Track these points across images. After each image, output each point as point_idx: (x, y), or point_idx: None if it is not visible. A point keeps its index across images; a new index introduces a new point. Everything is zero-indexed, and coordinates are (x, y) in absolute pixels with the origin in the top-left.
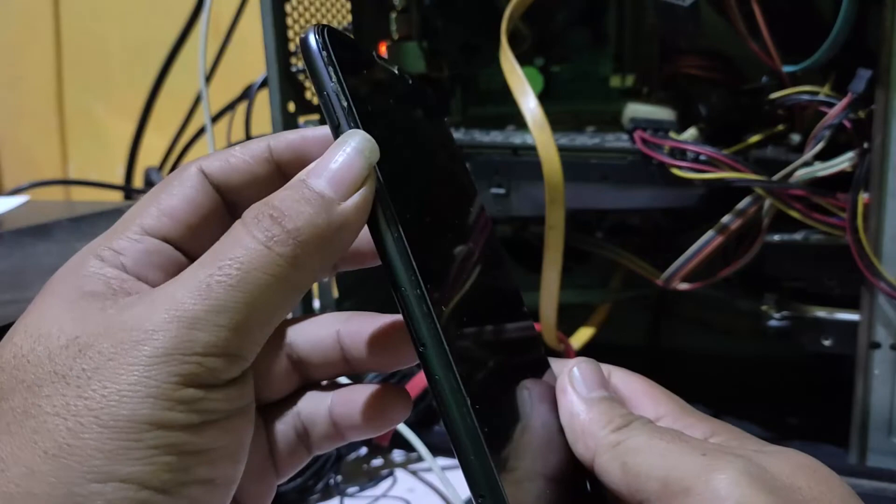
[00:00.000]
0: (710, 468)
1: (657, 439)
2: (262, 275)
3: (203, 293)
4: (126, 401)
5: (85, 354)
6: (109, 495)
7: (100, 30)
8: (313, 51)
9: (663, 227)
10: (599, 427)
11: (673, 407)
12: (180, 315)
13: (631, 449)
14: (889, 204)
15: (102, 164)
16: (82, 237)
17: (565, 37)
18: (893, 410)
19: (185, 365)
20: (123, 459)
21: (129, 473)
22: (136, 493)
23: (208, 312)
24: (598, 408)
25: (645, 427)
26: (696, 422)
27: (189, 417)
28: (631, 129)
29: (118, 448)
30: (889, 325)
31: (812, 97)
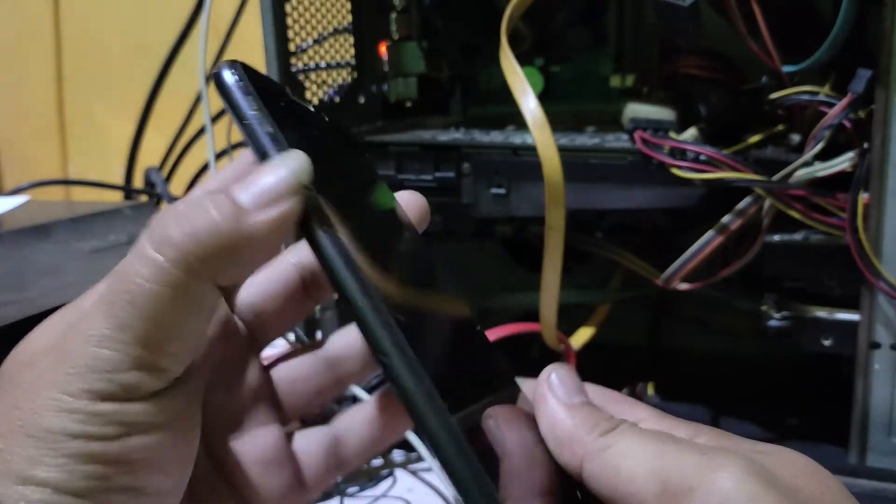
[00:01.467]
0: (714, 466)
1: (649, 441)
2: (157, 287)
3: (107, 311)
4: (45, 413)
5: (33, 367)
6: (29, 496)
7: (100, 30)
8: (229, 84)
9: (663, 227)
10: (585, 432)
11: (650, 412)
12: (91, 334)
13: (622, 452)
14: (889, 204)
15: (102, 165)
16: (82, 237)
17: (565, 37)
18: (893, 410)
19: (96, 382)
20: (42, 466)
21: (45, 479)
22: (53, 496)
23: (112, 330)
24: (582, 413)
25: (633, 429)
26: (677, 424)
27: (104, 430)
28: (631, 129)
29: (38, 455)
30: (889, 326)
31: (812, 97)
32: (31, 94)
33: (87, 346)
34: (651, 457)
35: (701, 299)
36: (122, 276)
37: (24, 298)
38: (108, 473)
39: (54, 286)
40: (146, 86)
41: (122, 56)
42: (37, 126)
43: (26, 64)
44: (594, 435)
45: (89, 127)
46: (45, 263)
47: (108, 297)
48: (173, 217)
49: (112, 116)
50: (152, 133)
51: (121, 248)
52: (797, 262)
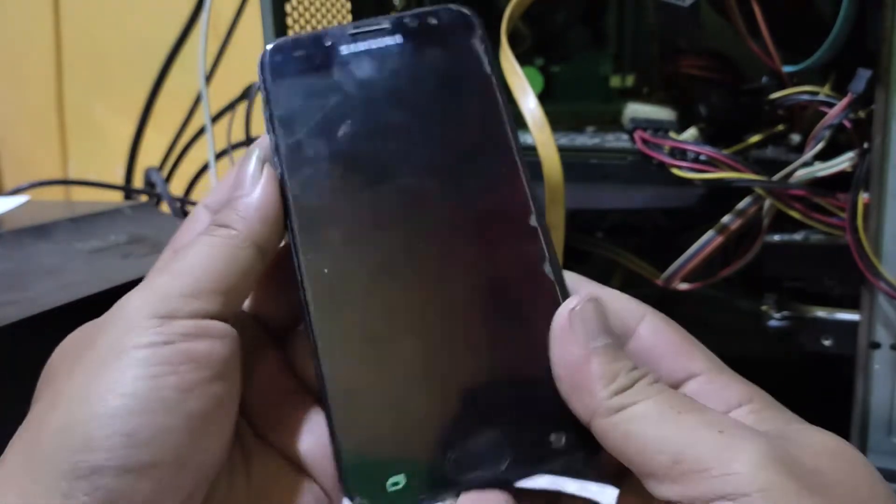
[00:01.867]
0: (731, 448)
1: (667, 408)
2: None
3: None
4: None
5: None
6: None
7: (100, 30)
8: (259, 74)
9: (663, 226)
10: (600, 386)
11: (708, 365)
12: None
13: (637, 416)
14: (889, 204)
15: (102, 164)
16: (82, 237)
17: (565, 37)
18: (893, 410)
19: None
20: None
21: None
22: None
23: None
24: (599, 360)
25: (653, 391)
26: (732, 383)
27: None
28: (631, 129)
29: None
30: (889, 325)
31: (812, 97)
32: (31, 95)
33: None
34: (667, 428)
35: (701, 299)
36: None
37: (24, 298)
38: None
39: (54, 286)
40: (146, 86)
41: (121, 56)
42: (37, 126)
43: (26, 64)
44: (608, 391)
45: (89, 127)
46: (46, 263)
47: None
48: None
49: (112, 116)
50: (152, 133)
51: (121, 248)
52: (797, 262)
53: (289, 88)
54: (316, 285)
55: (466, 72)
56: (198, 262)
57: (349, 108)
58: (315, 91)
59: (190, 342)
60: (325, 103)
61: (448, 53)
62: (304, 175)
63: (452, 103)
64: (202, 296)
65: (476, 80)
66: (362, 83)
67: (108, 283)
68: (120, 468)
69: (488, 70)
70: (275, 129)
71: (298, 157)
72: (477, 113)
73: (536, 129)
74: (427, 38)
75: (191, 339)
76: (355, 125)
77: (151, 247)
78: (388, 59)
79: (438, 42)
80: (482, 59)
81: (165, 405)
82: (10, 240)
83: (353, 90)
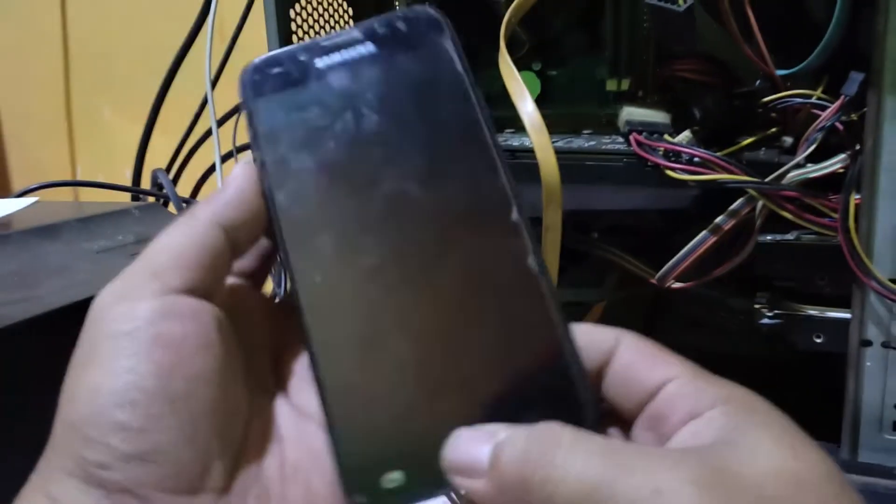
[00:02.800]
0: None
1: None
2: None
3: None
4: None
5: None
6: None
7: (107, 33)
8: (240, 93)
9: (658, 227)
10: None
11: (684, 369)
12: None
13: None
14: (880, 205)
15: (110, 166)
16: (90, 237)
17: (562, 41)
18: (884, 407)
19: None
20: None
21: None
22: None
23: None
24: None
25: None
26: (708, 386)
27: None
28: (626, 131)
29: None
30: (880, 323)
31: (805, 100)
32: (40, 97)
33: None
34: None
35: (695, 298)
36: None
37: (33, 297)
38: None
39: (63, 285)
40: (153, 89)
41: (129, 59)
42: (45, 128)
43: (34, 67)
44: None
45: (97, 129)
46: (54, 263)
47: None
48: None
49: (120, 119)
50: (159, 135)
51: (128, 248)
52: (789, 261)
53: (269, 105)
54: (308, 293)
55: (439, 72)
56: (158, 245)
57: (328, 118)
58: (294, 105)
59: (156, 326)
60: (304, 116)
61: (420, 55)
62: (289, 188)
63: (428, 105)
64: (163, 273)
65: (450, 80)
66: (339, 93)
67: None
68: (122, 459)
69: (460, 69)
70: (259, 145)
71: (283, 171)
72: (453, 113)
73: (534, 132)
74: (398, 43)
75: (157, 322)
76: (336, 135)
77: None
78: (363, 68)
79: (410, 45)
80: (454, 58)
81: (148, 394)
82: (19, 240)
83: (331, 101)
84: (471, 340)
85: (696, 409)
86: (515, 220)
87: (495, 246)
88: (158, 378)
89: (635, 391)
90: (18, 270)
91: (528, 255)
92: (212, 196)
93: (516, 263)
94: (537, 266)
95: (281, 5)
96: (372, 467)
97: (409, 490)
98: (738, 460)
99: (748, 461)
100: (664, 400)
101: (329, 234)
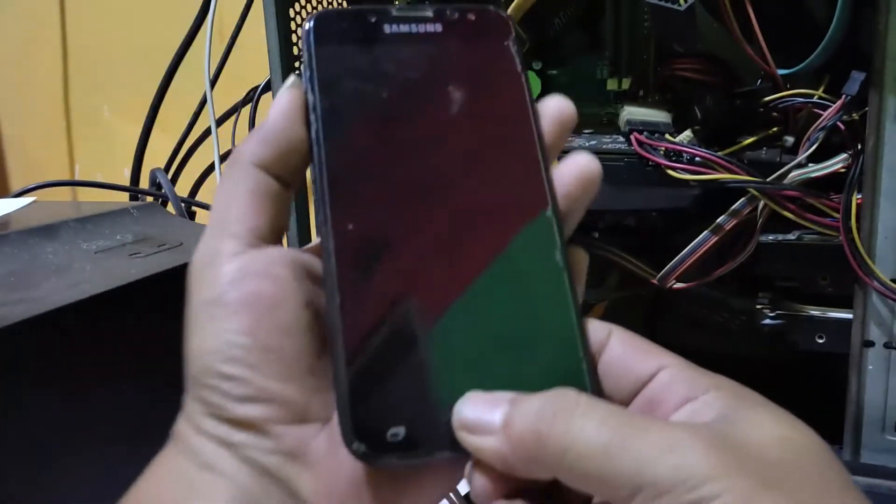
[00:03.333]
0: (685, 465)
1: (613, 436)
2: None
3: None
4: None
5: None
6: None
7: (106, 33)
8: (303, 39)
9: (659, 227)
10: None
11: (674, 360)
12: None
13: (584, 454)
14: (882, 204)
15: (108, 166)
16: (89, 237)
17: (562, 41)
18: (887, 408)
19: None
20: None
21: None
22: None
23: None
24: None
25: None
26: (699, 376)
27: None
28: (627, 131)
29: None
30: (882, 324)
31: (806, 100)
32: (38, 97)
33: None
34: (617, 461)
35: (696, 298)
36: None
37: (31, 297)
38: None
39: (61, 285)
40: (152, 88)
41: (128, 58)
42: (44, 128)
43: (33, 66)
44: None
45: (96, 129)
46: (53, 263)
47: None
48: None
49: (118, 118)
50: (158, 135)
51: (127, 248)
52: (791, 261)
53: (331, 56)
54: (340, 239)
55: (498, 68)
56: (220, 204)
57: (386, 84)
58: (355, 61)
59: (238, 289)
60: (363, 75)
61: (483, 48)
62: (337, 138)
63: (483, 94)
64: (234, 232)
65: (508, 77)
66: (401, 62)
67: (115, 283)
68: (236, 401)
69: (519, 69)
70: (314, 89)
71: (334, 121)
72: (505, 106)
73: None
74: (465, 31)
75: (238, 284)
76: (390, 101)
77: (157, 246)
78: (427, 45)
79: (475, 36)
80: (515, 58)
81: (243, 348)
82: (18, 240)
83: (391, 68)
84: (491, 316)
85: (691, 393)
86: (549, 216)
87: (527, 234)
88: (248, 334)
89: (627, 380)
90: (17, 270)
91: (556, 250)
92: (252, 133)
93: (544, 254)
94: (563, 262)
95: (280, 5)
96: (377, 419)
97: (409, 448)
98: (742, 431)
99: (752, 432)
100: (659, 385)
101: (369, 186)
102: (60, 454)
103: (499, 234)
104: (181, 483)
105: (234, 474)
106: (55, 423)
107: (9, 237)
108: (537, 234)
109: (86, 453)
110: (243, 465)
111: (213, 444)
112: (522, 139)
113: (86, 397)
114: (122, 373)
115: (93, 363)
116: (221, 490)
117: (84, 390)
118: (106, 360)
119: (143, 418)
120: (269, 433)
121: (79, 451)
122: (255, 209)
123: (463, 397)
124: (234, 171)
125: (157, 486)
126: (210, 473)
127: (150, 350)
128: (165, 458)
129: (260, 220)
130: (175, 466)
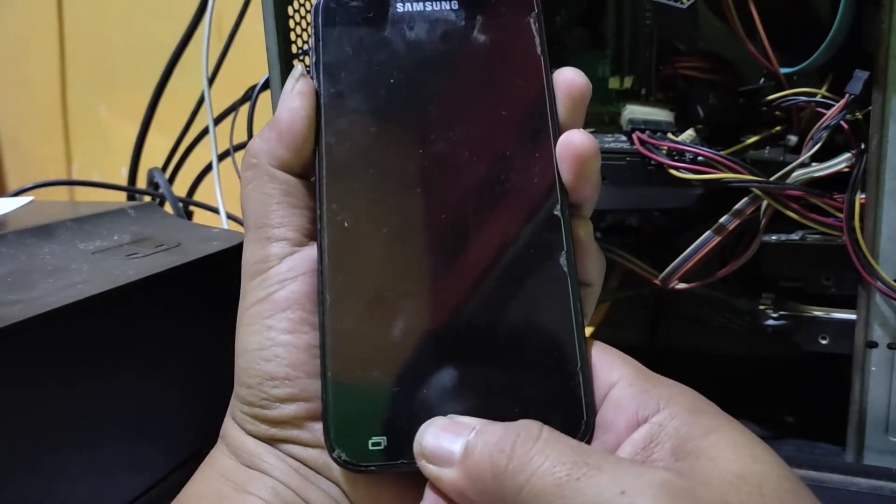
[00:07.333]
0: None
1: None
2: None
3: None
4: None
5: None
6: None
7: (103, 32)
8: (312, 19)
9: (661, 227)
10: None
11: (628, 371)
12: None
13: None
14: (886, 204)
15: (106, 165)
16: (86, 237)
17: (564, 39)
18: (890, 409)
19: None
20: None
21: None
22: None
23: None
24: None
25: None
26: (651, 387)
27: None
28: (629, 130)
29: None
30: (886, 325)
31: (809, 98)
32: (36, 96)
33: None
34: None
35: (699, 299)
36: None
37: (28, 298)
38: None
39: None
40: (149, 87)
41: (125, 58)
42: (41, 127)
43: (30, 65)
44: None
45: (93, 128)
46: (49, 263)
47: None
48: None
49: (116, 117)
50: (155, 134)
51: (125, 248)
52: (794, 261)
53: (340, 36)
54: (333, 237)
55: (518, 49)
56: (252, 208)
57: (396, 64)
58: (365, 43)
59: (284, 289)
60: (373, 56)
61: (503, 27)
62: (339, 125)
63: (498, 77)
64: (273, 235)
65: (525, 60)
66: (413, 42)
67: (112, 283)
68: (275, 400)
69: (539, 51)
70: (319, 75)
71: (338, 106)
72: (521, 91)
73: None
74: (484, 9)
75: (284, 284)
76: (399, 83)
77: (155, 246)
78: (443, 23)
79: (495, 14)
80: (535, 39)
81: (286, 347)
82: (14, 240)
83: (402, 48)
84: (485, 329)
85: (641, 411)
86: (557, 214)
87: (532, 234)
88: (292, 333)
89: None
90: (13, 271)
91: (561, 253)
92: (268, 132)
93: (548, 257)
94: (567, 266)
95: (279, 3)
96: (359, 427)
97: (389, 459)
98: (701, 469)
99: (711, 469)
100: (610, 405)
101: (367, 182)
102: (58, 455)
103: (502, 232)
104: (226, 482)
105: (275, 471)
106: (53, 424)
107: (6, 238)
108: (543, 238)
109: (84, 454)
110: (284, 462)
111: (255, 442)
112: (536, 128)
113: (84, 399)
114: (121, 374)
115: (91, 364)
116: (263, 487)
117: (82, 392)
118: (104, 361)
119: (142, 419)
120: (309, 431)
121: (77, 451)
122: (291, 210)
123: (427, 423)
124: (258, 176)
125: (204, 486)
126: (253, 470)
127: (149, 350)
128: (213, 458)
129: (298, 220)
130: (221, 465)
